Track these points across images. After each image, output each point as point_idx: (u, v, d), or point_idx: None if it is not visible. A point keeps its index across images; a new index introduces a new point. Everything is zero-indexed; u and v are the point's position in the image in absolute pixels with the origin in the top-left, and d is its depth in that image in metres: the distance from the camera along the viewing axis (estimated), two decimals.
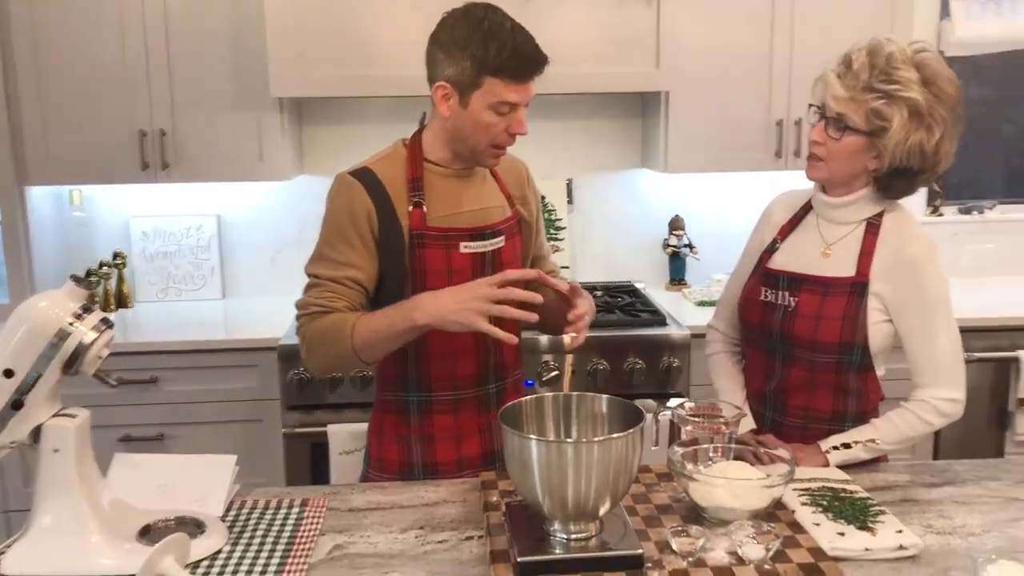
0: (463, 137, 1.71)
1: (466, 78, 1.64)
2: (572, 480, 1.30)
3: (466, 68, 1.63)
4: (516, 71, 1.64)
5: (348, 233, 1.73)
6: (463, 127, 1.69)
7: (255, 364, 2.86)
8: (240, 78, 2.95)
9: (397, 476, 1.80)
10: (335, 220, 1.75)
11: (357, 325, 1.66)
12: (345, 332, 1.66)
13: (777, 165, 3.14)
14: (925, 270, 1.69)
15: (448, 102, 1.68)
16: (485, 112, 1.66)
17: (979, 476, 1.71)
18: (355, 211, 1.72)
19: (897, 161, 1.67)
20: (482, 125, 1.67)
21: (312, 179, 3.35)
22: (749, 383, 1.91)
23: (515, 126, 1.69)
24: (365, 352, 1.67)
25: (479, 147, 1.71)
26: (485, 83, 1.64)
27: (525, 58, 1.64)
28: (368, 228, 1.73)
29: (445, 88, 1.67)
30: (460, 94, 1.66)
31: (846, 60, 1.71)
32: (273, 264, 3.41)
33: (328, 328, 1.69)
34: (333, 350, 1.68)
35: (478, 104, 1.66)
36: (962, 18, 3.37)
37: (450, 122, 1.70)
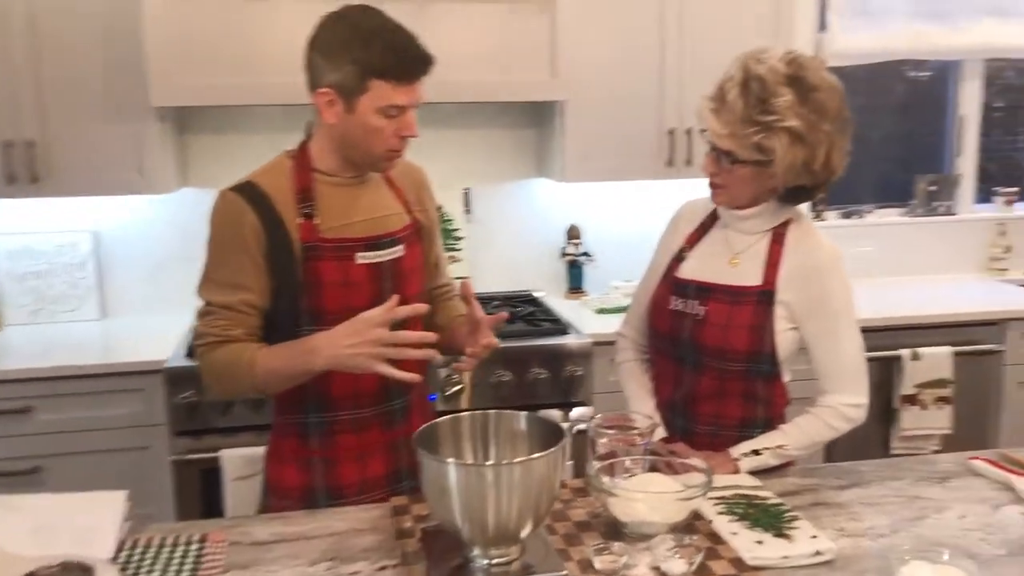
0: (353, 144, 1.64)
1: (350, 82, 1.58)
2: (493, 504, 1.26)
3: (350, 72, 1.57)
4: (402, 72, 1.58)
5: (234, 253, 1.64)
6: (352, 133, 1.63)
7: (139, 388, 2.70)
8: (117, 85, 2.78)
9: (299, 502, 1.71)
10: (220, 240, 1.67)
11: (256, 361, 1.61)
12: (244, 368, 1.61)
13: (670, 174, 3.18)
14: (830, 278, 1.72)
15: (333, 109, 1.61)
16: (373, 116, 1.60)
17: (882, 476, 1.75)
18: (240, 229, 1.64)
19: (790, 182, 1.69)
20: (371, 130, 1.61)
21: (196, 192, 3.20)
22: (659, 391, 1.90)
23: (405, 128, 1.63)
24: (267, 387, 1.63)
25: (373, 152, 1.65)
26: (371, 87, 1.58)
27: (411, 58, 1.59)
28: (255, 245, 1.64)
29: (329, 94, 1.60)
30: (345, 100, 1.60)
31: (720, 92, 1.69)
32: (155, 281, 3.23)
33: (227, 362, 1.62)
34: (235, 384, 1.64)
35: (365, 109, 1.59)
36: (838, 30, 3.50)
37: (337, 129, 1.63)
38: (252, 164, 3.13)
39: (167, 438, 2.67)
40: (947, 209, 3.78)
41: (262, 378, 1.61)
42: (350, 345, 1.55)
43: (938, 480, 1.72)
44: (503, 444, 1.42)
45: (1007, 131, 4.00)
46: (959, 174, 3.79)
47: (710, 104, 1.69)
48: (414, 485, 1.78)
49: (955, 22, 3.59)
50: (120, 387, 2.69)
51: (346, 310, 1.65)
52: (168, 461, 2.67)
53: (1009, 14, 3.62)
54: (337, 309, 1.66)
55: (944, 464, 1.81)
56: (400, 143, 1.65)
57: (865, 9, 3.52)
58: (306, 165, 1.69)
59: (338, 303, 1.67)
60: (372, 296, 1.69)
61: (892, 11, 3.54)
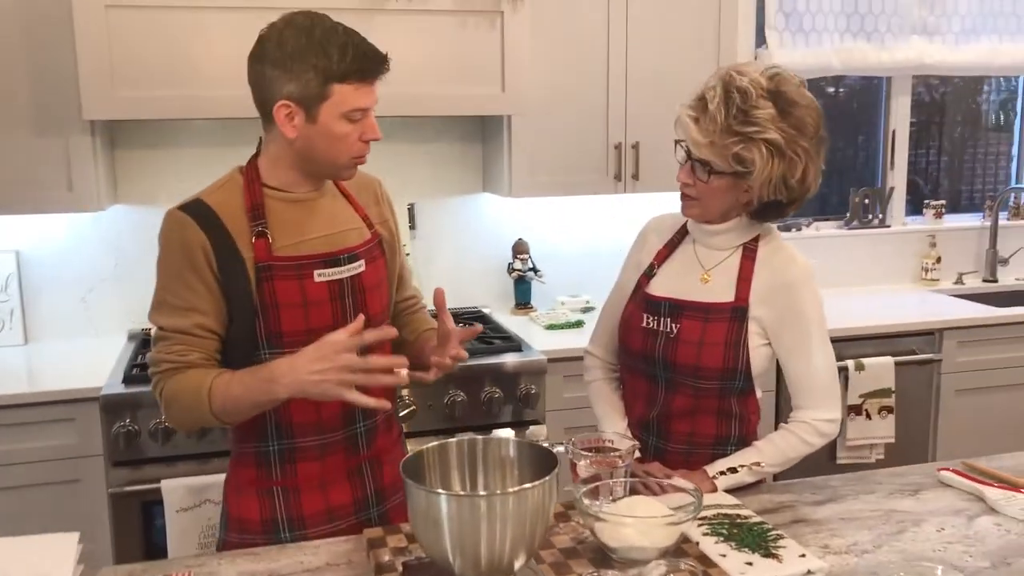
0: (316, 155, 1.57)
1: (311, 91, 1.51)
2: (486, 535, 1.20)
3: (310, 80, 1.51)
4: (363, 73, 1.53)
5: (185, 275, 1.56)
6: (315, 145, 1.56)
7: (71, 418, 2.54)
8: (44, 98, 2.63)
9: (261, 535, 1.62)
10: (170, 262, 1.58)
11: (214, 390, 1.51)
12: (202, 396, 1.51)
13: (617, 188, 3.17)
14: (802, 293, 1.72)
15: (293, 121, 1.54)
16: (337, 123, 1.54)
17: (856, 490, 1.75)
18: (189, 249, 1.55)
19: (766, 196, 1.68)
20: (336, 137, 1.55)
21: (127, 208, 3.06)
22: (630, 410, 1.87)
23: (368, 132, 1.58)
24: (225, 416, 1.54)
25: (338, 161, 1.58)
26: (333, 92, 1.51)
27: (370, 57, 1.54)
28: (206, 266, 1.56)
29: (288, 107, 1.53)
30: (306, 110, 1.53)
31: (700, 101, 1.68)
32: (84, 304, 3.07)
33: (184, 390, 1.54)
34: (192, 413, 1.54)
35: (329, 116, 1.53)
36: (776, 46, 3.56)
37: (299, 142, 1.56)
38: (185, 179, 3.06)
39: (102, 470, 2.53)
40: (880, 222, 3.88)
41: (220, 407, 1.52)
42: (315, 372, 1.46)
43: (910, 492, 1.73)
44: (491, 471, 1.36)
45: (919, 145, 4.12)
46: (891, 187, 3.89)
47: (690, 113, 1.67)
48: (381, 512, 1.71)
49: (884, 40, 3.70)
50: (50, 417, 2.53)
51: (305, 332, 1.58)
52: (104, 494, 2.53)
53: (935, 33, 3.74)
54: (296, 331, 1.59)
55: (913, 476, 1.82)
56: (364, 148, 1.59)
57: (801, 27, 3.60)
58: (256, 181, 1.61)
59: (297, 324, 1.59)
60: (333, 315, 1.62)
61: (826, 29, 3.62)
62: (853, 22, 3.64)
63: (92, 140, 2.70)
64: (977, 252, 4.00)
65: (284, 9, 2.51)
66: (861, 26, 3.66)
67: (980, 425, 3.34)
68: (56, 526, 2.51)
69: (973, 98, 4.36)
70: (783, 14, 3.56)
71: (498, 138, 3.14)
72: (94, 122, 2.68)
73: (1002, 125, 4.40)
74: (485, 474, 1.37)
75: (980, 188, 4.38)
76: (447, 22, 2.68)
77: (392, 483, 1.73)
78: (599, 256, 3.54)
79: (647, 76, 3.11)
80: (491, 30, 2.74)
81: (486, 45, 2.74)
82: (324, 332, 1.56)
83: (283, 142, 1.58)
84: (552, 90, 3.03)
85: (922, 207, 4.00)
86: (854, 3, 3.63)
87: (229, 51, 2.56)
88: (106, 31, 2.47)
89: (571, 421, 2.88)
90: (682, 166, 1.73)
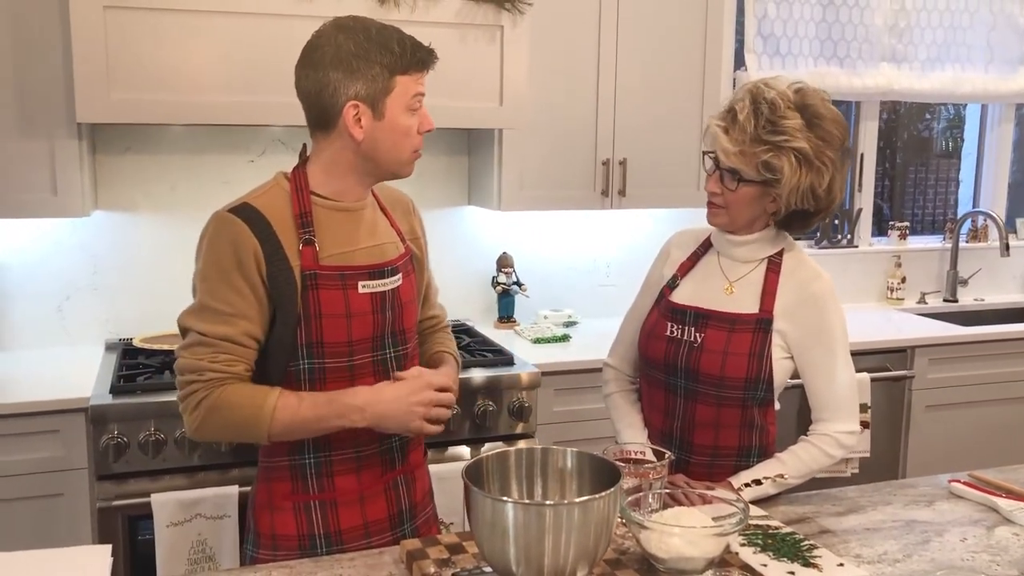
0: (383, 153, 1.58)
1: (379, 86, 1.53)
2: (551, 545, 1.20)
3: (376, 75, 1.53)
4: (423, 62, 1.59)
5: (234, 279, 1.52)
6: (381, 142, 1.57)
7: (55, 430, 2.45)
8: (29, 100, 2.54)
9: (296, 552, 1.59)
10: (217, 265, 1.54)
11: (279, 410, 1.49)
12: (263, 415, 1.49)
13: (604, 204, 3.20)
14: (827, 308, 1.76)
15: (361, 123, 1.54)
16: (402, 115, 1.57)
17: (874, 501, 1.79)
18: (240, 252, 1.53)
19: (793, 205, 1.72)
20: (401, 130, 1.57)
21: (107, 215, 2.98)
22: (650, 422, 1.89)
23: (425, 123, 1.62)
24: (281, 436, 1.53)
25: (402, 156, 1.60)
26: (397, 84, 1.54)
27: (422, 47, 1.60)
28: (256, 270, 1.53)
29: (357, 107, 1.54)
30: (373, 107, 1.54)
31: (731, 112, 1.73)
32: (60, 313, 2.97)
33: (239, 404, 1.50)
34: (240, 428, 1.52)
35: (394, 108, 1.55)
36: (754, 69, 3.65)
37: (365, 144, 1.56)
38: (168, 185, 3.01)
39: (87, 483, 2.45)
40: (849, 242, 3.99)
41: (282, 427, 1.51)
42: (407, 404, 1.56)
43: (926, 504, 1.78)
44: (551, 481, 1.36)
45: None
46: (860, 208, 4.00)
47: (720, 123, 1.71)
48: (412, 528, 1.70)
49: (855, 66, 3.81)
50: (31, 429, 2.44)
51: (346, 343, 1.58)
52: (87, 508, 2.45)
53: (903, 60, 3.87)
54: (337, 341, 1.57)
55: (923, 487, 1.87)
56: (421, 142, 1.62)
57: (777, 50, 3.69)
58: (305, 188, 1.59)
59: (339, 335, 1.57)
60: (373, 327, 1.61)
61: (801, 53, 3.72)
62: (827, 47, 3.75)
63: (79, 144, 2.62)
64: (938, 273, 4.13)
65: (282, 16, 2.55)
66: (834, 52, 3.77)
67: (949, 440, 3.44)
68: (38, 542, 2.42)
69: (915, 124, 4.53)
70: (761, 38, 3.65)
71: (486, 152, 3.15)
72: (81, 125, 2.61)
73: (950, 151, 4.57)
74: (544, 484, 1.36)
75: (931, 212, 4.55)
76: (448, 35, 2.69)
77: (422, 499, 1.72)
78: (582, 271, 3.57)
79: (635, 95, 3.15)
80: (491, 44, 2.75)
81: (486, 59, 2.75)
82: (364, 344, 1.56)
83: (344, 146, 1.58)
84: (543, 105, 3.05)
85: (884, 229, 4.12)
86: (828, 29, 3.74)
87: (226, 56, 2.52)
88: (103, 33, 2.41)
89: (562, 435, 2.89)
90: (710, 175, 1.76)
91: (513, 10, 2.74)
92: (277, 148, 3.11)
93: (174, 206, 3.02)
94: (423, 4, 2.64)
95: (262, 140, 3.09)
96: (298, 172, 1.62)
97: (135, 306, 3.01)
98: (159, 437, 2.41)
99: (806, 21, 3.70)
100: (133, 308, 3.01)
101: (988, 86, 4.00)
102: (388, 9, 2.60)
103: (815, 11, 3.71)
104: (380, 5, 2.60)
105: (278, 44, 2.53)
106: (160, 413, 2.41)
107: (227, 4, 2.50)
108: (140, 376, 2.56)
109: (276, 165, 1.81)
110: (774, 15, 3.65)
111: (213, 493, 2.40)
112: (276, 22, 2.54)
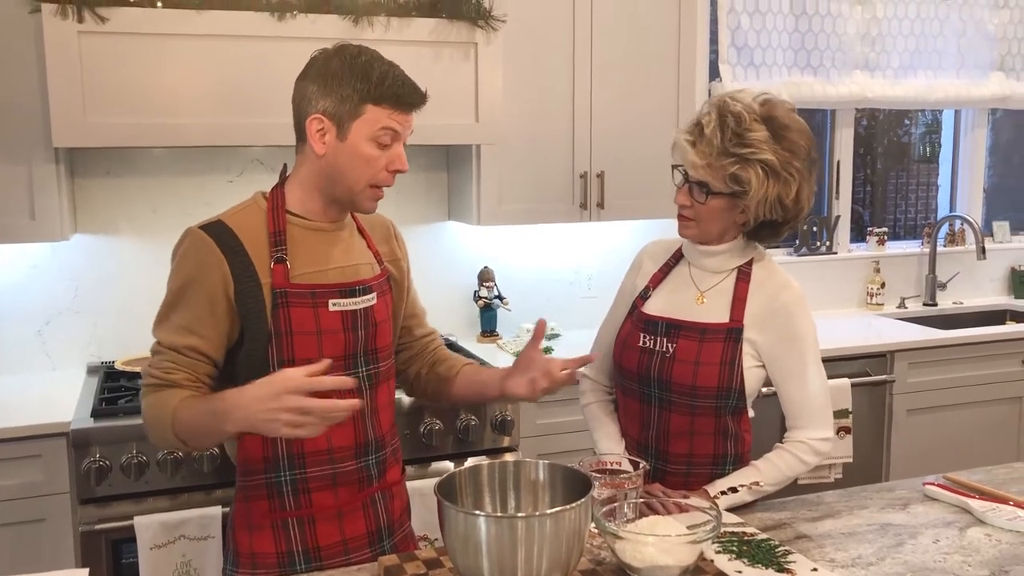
0: (340, 175, 1.58)
1: (346, 108, 1.54)
2: (524, 558, 1.21)
3: (346, 96, 1.54)
4: (399, 99, 1.56)
5: (192, 296, 1.56)
6: (340, 163, 1.57)
7: (36, 455, 2.45)
8: (5, 124, 2.55)
9: (276, 569, 1.60)
10: (181, 281, 1.58)
11: (177, 413, 1.50)
12: (167, 417, 1.51)
13: (583, 216, 3.23)
14: (797, 317, 1.78)
15: (324, 138, 1.56)
16: (365, 144, 1.56)
17: (850, 506, 1.81)
18: (205, 271, 1.56)
19: (761, 215, 1.74)
20: (361, 158, 1.56)
21: (87, 238, 2.98)
22: (626, 431, 1.90)
23: (396, 162, 1.59)
24: (190, 441, 1.54)
25: (357, 187, 1.59)
26: (367, 111, 1.54)
27: (408, 87, 1.58)
28: (221, 290, 1.56)
29: (321, 121, 1.56)
30: (338, 126, 1.55)
31: (697, 126, 1.75)
32: (41, 337, 2.97)
33: (157, 407, 1.54)
34: (161, 433, 1.55)
35: (358, 135, 1.55)
36: (729, 80, 3.68)
37: (325, 159, 1.57)
38: (148, 207, 3.01)
39: (69, 507, 2.44)
40: (828, 248, 4.02)
41: (183, 430, 1.52)
42: (265, 410, 1.39)
43: (901, 507, 1.80)
44: (523, 494, 1.37)
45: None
46: (838, 215, 4.04)
47: (687, 137, 1.73)
48: (391, 545, 1.71)
49: (829, 75, 3.86)
50: (13, 454, 2.43)
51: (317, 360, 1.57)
52: (70, 532, 2.45)
53: (876, 68, 3.92)
54: (308, 358, 1.58)
55: (900, 491, 1.89)
56: (387, 178, 1.61)
57: (752, 61, 3.73)
58: (281, 207, 1.62)
59: (310, 352, 1.59)
60: (345, 345, 1.63)
61: (775, 63, 3.76)
62: (800, 57, 3.80)
63: (57, 168, 2.63)
64: (917, 277, 4.17)
65: (258, 38, 2.56)
66: (808, 61, 3.81)
67: (931, 443, 3.47)
68: (21, 567, 2.42)
69: (894, 130, 4.58)
70: (735, 48, 3.69)
71: (465, 167, 3.17)
72: (59, 149, 2.62)
73: (928, 156, 4.62)
74: (517, 497, 1.38)
75: (913, 217, 4.59)
76: (423, 53, 2.71)
77: (400, 516, 1.73)
78: (563, 284, 3.59)
79: (611, 107, 3.18)
80: (465, 61, 2.77)
81: (460, 76, 2.77)
82: (337, 362, 1.57)
83: (311, 161, 1.60)
84: (520, 120, 3.07)
85: (862, 235, 4.16)
86: (801, 39, 3.79)
87: (202, 79, 2.54)
88: (78, 57, 2.42)
89: (545, 448, 2.90)
90: (679, 188, 1.79)
91: (487, 27, 2.77)
92: (256, 168, 3.12)
93: (154, 228, 3.03)
94: (397, 23, 2.67)
95: (241, 161, 3.10)
96: (276, 191, 1.65)
97: (117, 329, 3.01)
98: (141, 459, 2.41)
99: (779, 32, 3.75)
100: (115, 331, 3.01)
101: (960, 92, 4.05)
102: (362, 28, 2.62)
103: (788, 22, 3.75)
104: (354, 25, 2.63)
105: (254, 65, 2.55)
106: (142, 435, 2.36)
107: (202, 27, 2.51)
108: (121, 399, 2.56)
109: (255, 185, 1.82)
110: (747, 26, 3.69)
111: (197, 514, 2.40)
112: (252, 44, 2.56)
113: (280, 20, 2.55)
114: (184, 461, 2.43)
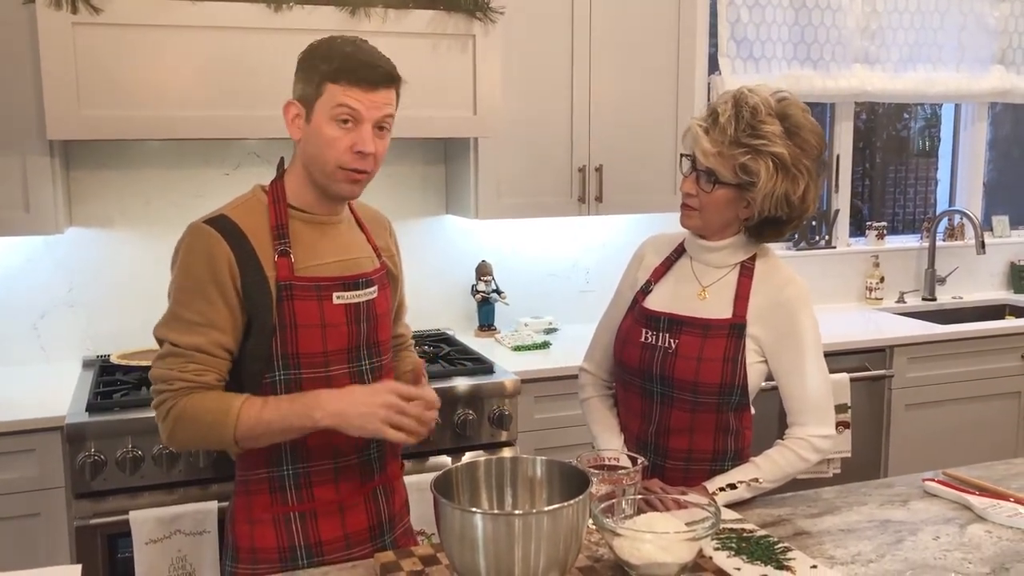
0: (311, 160, 1.58)
1: (310, 89, 1.55)
2: (521, 555, 1.20)
3: (310, 78, 1.55)
4: (353, 75, 1.53)
5: (207, 290, 1.53)
6: (310, 147, 1.58)
7: (30, 449, 2.43)
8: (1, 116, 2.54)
9: (277, 564, 1.59)
10: (191, 276, 1.55)
11: (243, 414, 1.49)
12: (228, 420, 1.48)
13: (581, 210, 3.21)
14: (800, 313, 1.76)
15: (297, 123, 1.58)
16: (327, 124, 1.54)
17: (849, 502, 1.80)
18: (214, 263, 1.53)
19: (766, 211, 1.73)
20: (324, 139, 1.55)
21: (82, 231, 2.96)
22: (626, 427, 1.89)
23: (360, 143, 1.55)
24: (246, 442, 1.52)
25: (327, 170, 1.57)
26: (326, 90, 1.54)
27: (363, 63, 1.54)
28: (230, 282, 1.54)
29: (295, 107, 1.58)
30: (307, 109, 1.56)
31: (712, 113, 1.74)
32: (36, 330, 2.95)
33: (205, 410, 1.50)
34: (208, 435, 1.51)
35: (320, 115, 1.55)
36: (728, 73, 3.67)
37: (301, 145, 1.60)
38: (144, 200, 2.99)
39: (64, 502, 2.43)
40: (827, 243, 4.01)
41: (246, 431, 1.50)
42: (364, 404, 1.50)
43: (900, 503, 1.79)
44: (520, 491, 1.36)
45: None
46: (837, 209, 4.03)
47: (700, 124, 1.73)
48: (392, 539, 1.70)
49: (828, 68, 3.84)
50: (7, 448, 2.41)
51: (321, 353, 1.58)
52: (65, 527, 2.43)
53: (875, 62, 3.90)
54: (312, 352, 1.58)
55: (899, 487, 1.88)
56: (353, 160, 1.56)
57: (751, 54, 3.71)
58: (282, 200, 1.61)
59: (314, 346, 1.58)
60: (348, 338, 1.62)
61: (775, 56, 3.74)
62: (800, 50, 3.78)
63: (51, 161, 2.61)
64: (916, 272, 4.16)
65: (254, 29, 2.54)
66: (807, 54, 3.79)
67: (930, 438, 3.46)
68: (16, 563, 2.40)
69: (894, 124, 4.57)
70: (735, 42, 3.67)
71: (463, 160, 3.15)
72: (53, 142, 2.60)
73: (927, 150, 4.61)
74: (514, 493, 1.36)
75: (912, 211, 4.58)
76: (420, 45, 2.69)
77: (400, 510, 1.72)
78: (561, 278, 3.57)
79: (609, 101, 3.17)
80: (463, 53, 2.75)
81: (458, 69, 2.75)
82: (340, 355, 1.57)
83: (298, 153, 1.62)
84: (518, 113, 3.05)
85: (861, 229, 4.15)
86: (800, 32, 3.77)
87: (197, 70, 2.52)
88: (72, 49, 2.40)
89: (543, 442, 2.89)
90: (686, 177, 1.77)
91: (485, 19, 2.75)
92: (252, 161, 3.10)
93: (150, 221, 3.01)
94: (394, 15, 2.65)
95: (237, 153, 3.08)
96: (276, 184, 1.64)
97: (112, 322, 2.99)
98: (136, 454, 2.40)
99: (779, 25, 3.73)
100: (110, 324, 3.00)
101: (960, 85, 4.03)
102: (359, 19, 2.60)
103: (788, 15, 3.73)
104: (351, 16, 2.60)
105: (250, 58, 2.53)
106: (137, 430, 2.40)
107: (197, 18, 2.49)
108: (117, 393, 2.55)
109: (252, 178, 1.81)
110: (747, 19, 3.67)
111: (192, 509, 2.38)
112: (247, 36, 2.54)
113: (276, 11, 2.53)
114: (180, 456, 2.41)
